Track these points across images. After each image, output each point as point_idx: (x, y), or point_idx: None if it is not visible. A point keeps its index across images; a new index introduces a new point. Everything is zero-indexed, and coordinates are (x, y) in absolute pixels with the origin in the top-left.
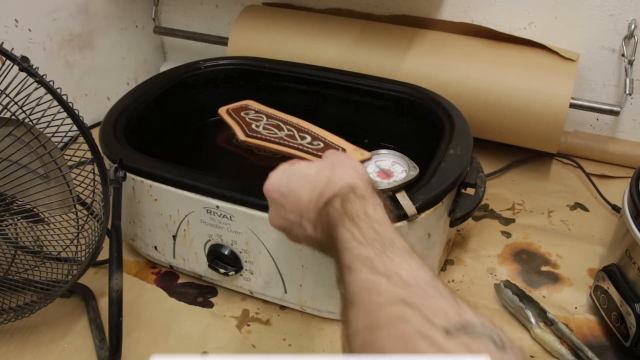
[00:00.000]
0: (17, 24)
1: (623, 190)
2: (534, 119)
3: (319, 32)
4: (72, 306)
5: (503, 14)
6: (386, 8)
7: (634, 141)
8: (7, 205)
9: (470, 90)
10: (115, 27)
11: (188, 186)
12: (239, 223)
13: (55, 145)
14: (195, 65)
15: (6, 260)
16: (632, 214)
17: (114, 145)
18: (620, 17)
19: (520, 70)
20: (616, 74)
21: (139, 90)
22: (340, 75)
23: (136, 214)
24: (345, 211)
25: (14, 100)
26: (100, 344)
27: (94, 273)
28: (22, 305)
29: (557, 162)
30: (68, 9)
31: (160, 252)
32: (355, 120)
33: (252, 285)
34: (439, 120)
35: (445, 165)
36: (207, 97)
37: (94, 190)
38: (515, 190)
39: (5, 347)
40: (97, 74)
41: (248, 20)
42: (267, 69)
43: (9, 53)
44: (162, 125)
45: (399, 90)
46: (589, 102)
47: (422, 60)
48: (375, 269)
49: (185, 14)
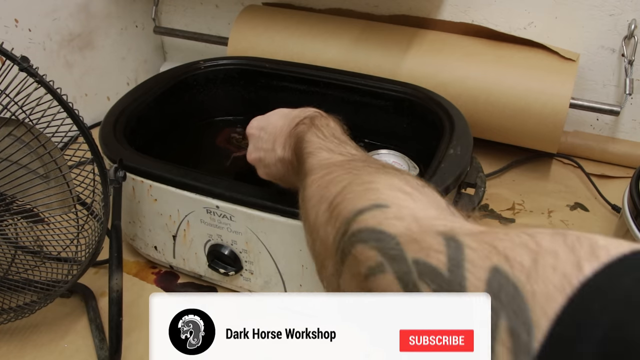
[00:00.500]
0: (17, 24)
1: (623, 190)
2: (534, 119)
3: (319, 32)
4: (72, 306)
5: (503, 14)
6: (386, 8)
7: (634, 141)
8: (7, 205)
9: (470, 90)
10: (115, 27)
11: (188, 186)
12: (239, 223)
13: (55, 145)
14: (195, 65)
15: (6, 260)
16: (632, 214)
17: (114, 145)
18: (620, 17)
19: (520, 70)
20: (616, 74)
21: (139, 90)
22: (340, 75)
23: (136, 214)
24: (312, 124)
25: (14, 100)
26: (100, 344)
27: (94, 273)
28: (22, 305)
29: (557, 162)
30: (68, 9)
31: (160, 252)
32: (355, 120)
33: (252, 285)
34: (439, 120)
35: (445, 165)
36: (207, 97)
37: (94, 190)
38: (515, 190)
39: (5, 347)
40: (97, 74)
41: (248, 20)
42: (267, 69)
43: (9, 53)
44: (162, 125)
45: (399, 90)
46: (589, 102)
47: (422, 60)
48: (332, 151)
49: (185, 14)
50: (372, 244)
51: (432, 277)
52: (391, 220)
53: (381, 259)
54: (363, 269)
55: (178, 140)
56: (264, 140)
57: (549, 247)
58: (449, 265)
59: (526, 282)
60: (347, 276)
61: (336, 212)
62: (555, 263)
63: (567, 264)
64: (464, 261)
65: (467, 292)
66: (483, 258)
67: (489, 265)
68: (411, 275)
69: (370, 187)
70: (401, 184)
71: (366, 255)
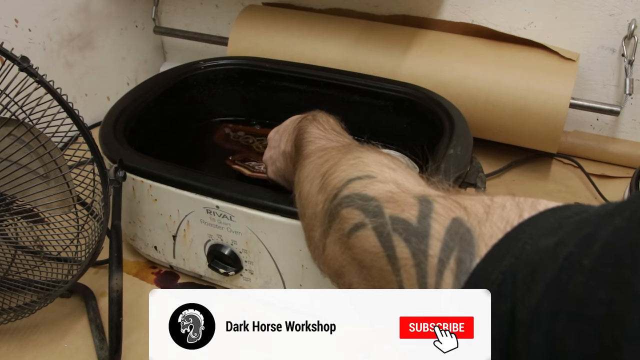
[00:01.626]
0: (17, 24)
1: (623, 190)
2: (534, 119)
3: (319, 32)
4: (72, 306)
5: (503, 14)
6: (386, 8)
7: (634, 141)
8: (7, 205)
9: (470, 90)
10: (115, 27)
11: (188, 186)
12: (239, 223)
13: (55, 145)
14: (195, 65)
15: (6, 260)
16: None
17: (114, 145)
18: (620, 17)
19: (520, 70)
20: (616, 74)
21: (139, 90)
22: (340, 75)
23: (136, 214)
24: (314, 119)
25: (14, 100)
26: (100, 344)
27: (94, 273)
28: (22, 305)
29: (557, 162)
30: (68, 9)
31: (160, 252)
32: (355, 120)
33: (252, 285)
34: (439, 120)
35: (445, 165)
36: (207, 97)
37: (94, 190)
38: (515, 190)
39: (5, 347)
40: (97, 74)
41: (248, 20)
42: (267, 69)
43: (9, 53)
44: (162, 125)
45: (399, 90)
46: (589, 102)
47: (422, 60)
48: (330, 140)
49: (185, 14)
50: (356, 206)
51: (403, 227)
52: (375, 185)
53: (363, 217)
54: (347, 227)
55: (178, 140)
56: (275, 140)
57: (499, 202)
58: (418, 217)
59: (477, 226)
60: (332, 237)
61: (327, 182)
62: (502, 213)
63: (511, 213)
64: (431, 213)
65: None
66: (447, 210)
67: (451, 215)
68: (386, 227)
69: (360, 161)
70: (387, 161)
71: (351, 215)
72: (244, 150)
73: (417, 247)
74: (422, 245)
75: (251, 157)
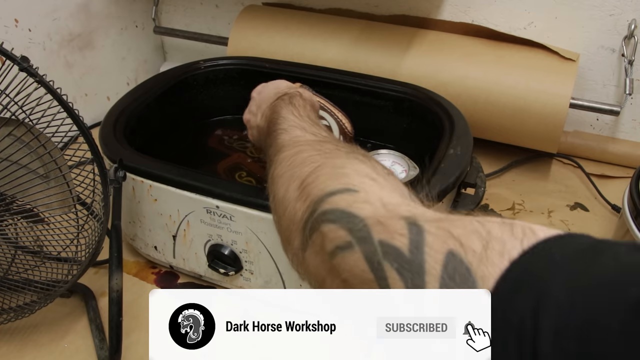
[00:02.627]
0: (17, 24)
1: (623, 190)
2: (534, 119)
3: (319, 32)
4: (72, 306)
5: (503, 14)
6: (386, 8)
7: (634, 141)
8: (7, 205)
9: (470, 90)
10: (115, 27)
11: (188, 186)
12: (239, 223)
13: (55, 145)
14: (195, 65)
15: (6, 260)
16: (632, 214)
17: (114, 145)
18: (620, 17)
19: (520, 70)
20: (616, 74)
21: (139, 90)
22: (340, 75)
23: (136, 214)
24: (290, 102)
25: (14, 100)
26: (100, 344)
27: (94, 273)
28: (22, 305)
29: (557, 162)
30: (68, 9)
31: (160, 252)
32: (355, 120)
33: (252, 285)
34: (439, 120)
35: (445, 165)
36: (207, 97)
37: (94, 190)
38: (515, 190)
39: (5, 347)
40: (97, 74)
41: (248, 20)
42: (267, 69)
43: (9, 53)
44: (162, 125)
45: (399, 90)
46: (589, 102)
47: (422, 60)
48: (304, 130)
49: (185, 14)
50: (341, 224)
51: (395, 256)
52: (360, 204)
53: (350, 238)
54: (329, 246)
55: (178, 140)
56: (255, 104)
57: (497, 236)
58: (410, 247)
59: (477, 266)
60: (312, 250)
61: (307, 191)
62: (502, 249)
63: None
64: (423, 244)
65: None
66: (440, 242)
67: (445, 249)
68: (377, 255)
69: (340, 172)
70: (368, 171)
71: (335, 234)
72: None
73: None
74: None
75: (242, 164)
